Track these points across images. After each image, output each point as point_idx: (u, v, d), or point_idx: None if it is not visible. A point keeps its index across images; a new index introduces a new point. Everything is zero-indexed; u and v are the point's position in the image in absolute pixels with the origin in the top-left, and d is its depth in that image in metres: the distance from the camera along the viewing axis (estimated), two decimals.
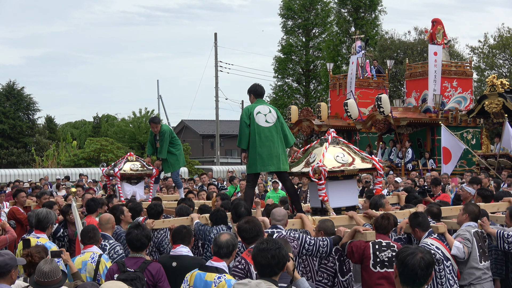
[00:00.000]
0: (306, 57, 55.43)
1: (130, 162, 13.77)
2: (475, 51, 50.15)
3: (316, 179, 9.05)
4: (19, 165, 53.46)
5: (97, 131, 69.97)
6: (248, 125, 9.85)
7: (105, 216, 9.04)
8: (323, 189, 9.09)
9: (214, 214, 8.83)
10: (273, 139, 9.78)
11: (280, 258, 5.28)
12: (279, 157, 9.77)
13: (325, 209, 9.20)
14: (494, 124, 25.74)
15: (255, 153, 9.79)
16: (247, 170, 10.21)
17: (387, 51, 48.76)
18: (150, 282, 6.66)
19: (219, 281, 5.94)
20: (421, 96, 29.79)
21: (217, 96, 55.24)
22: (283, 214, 7.91)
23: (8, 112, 57.61)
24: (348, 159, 9.28)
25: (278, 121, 9.93)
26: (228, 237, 6.31)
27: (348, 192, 9.51)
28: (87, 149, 50.29)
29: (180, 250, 7.27)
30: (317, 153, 9.39)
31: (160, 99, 73.22)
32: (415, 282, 4.57)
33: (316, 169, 9.02)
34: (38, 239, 8.35)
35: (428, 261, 4.61)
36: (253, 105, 10.01)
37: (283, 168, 9.83)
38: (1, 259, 6.10)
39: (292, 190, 10.08)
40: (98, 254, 7.63)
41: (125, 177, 13.59)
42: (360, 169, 9.47)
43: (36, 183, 29.26)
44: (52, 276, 5.65)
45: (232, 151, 75.19)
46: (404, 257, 4.63)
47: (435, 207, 9.07)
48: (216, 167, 49.93)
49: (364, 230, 7.67)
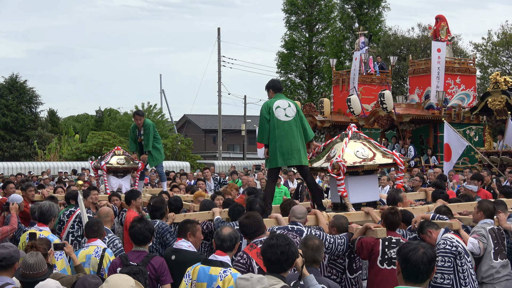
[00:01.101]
0: (309, 53, 55.38)
1: (117, 156, 14.21)
2: (479, 48, 50.11)
3: (335, 175, 9.02)
4: (21, 158, 53.52)
5: (100, 125, 69.92)
6: (268, 120, 9.78)
7: (105, 209, 9.04)
8: (342, 184, 9.06)
9: (232, 209, 8.78)
10: (293, 133, 9.72)
11: (289, 254, 5.27)
12: (300, 151, 9.70)
13: (344, 205, 9.17)
14: (497, 122, 25.68)
15: (276, 147, 9.72)
16: (268, 165, 10.10)
17: (390, 47, 48.72)
18: (152, 276, 6.66)
19: (225, 275, 5.92)
20: (424, 92, 29.75)
21: (220, 91, 55.31)
22: (304, 212, 7.88)
23: (11, 105, 57.69)
24: (368, 154, 9.23)
25: (297, 115, 9.86)
26: (230, 230, 6.30)
27: (368, 187, 9.46)
28: (89, 142, 50.30)
29: (181, 244, 7.26)
30: (338, 148, 9.34)
31: (163, 93, 73.47)
32: (418, 277, 4.56)
33: (335, 165, 8.98)
34: (41, 232, 8.33)
35: (430, 256, 4.61)
36: (272, 100, 9.94)
37: (304, 162, 9.77)
38: (6, 251, 6.10)
39: (313, 185, 9.98)
40: (102, 248, 7.63)
41: (111, 170, 14.01)
42: (381, 164, 9.40)
43: (38, 176, 29.30)
44: (37, 268, 5.64)
45: (234, 146, 75.23)
46: (407, 252, 4.62)
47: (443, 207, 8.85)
48: (218, 162, 49.96)
49: (375, 227, 7.62)
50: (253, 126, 49.38)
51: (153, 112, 61.24)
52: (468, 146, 21.48)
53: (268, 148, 9.87)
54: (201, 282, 6.00)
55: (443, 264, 7.61)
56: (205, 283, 5.97)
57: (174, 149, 51.37)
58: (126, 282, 4.57)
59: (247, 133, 61.50)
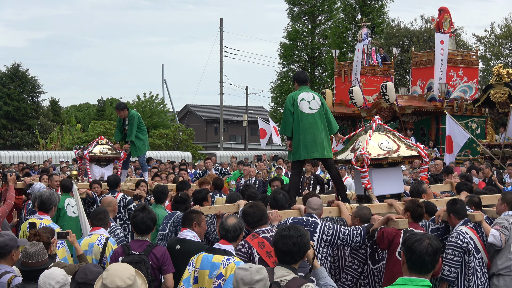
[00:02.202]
0: (311, 44, 55.23)
1: (100, 145, 14.63)
2: (481, 41, 49.98)
3: (359, 167, 8.97)
4: (23, 147, 53.51)
5: (101, 115, 69.85)
6: (292, 112, 9.72)
7: (108, 199, 9.04)
8: (366, 176, 9.02)
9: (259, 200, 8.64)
10: (317, 126, 9.65)
11: (301, 246, 5.24)
12: (323, 144, 9.64)
13: (368, 197, 9.14)
14: (499, 114, 25.70)
15: (299, 140, 9.66)
16: (291, 158, 10.05)
17: (393, 39, 48.61)
18: (154, 265, 6.65)
19: (228, 262, 5.93)
20: (427, 84, 29.73)
21: (222, 82, 55.24)
22: (319, 204, 7.85)
23: (13, 94, 57.65)
24: (392, 146, 9.18)
25: (322, 107, 9.77)
26: (235, 220, 6.30)
27: (392, 179, 9.41)
28: (91, 132, 50.26)
29: (186, 234, 7.23)
30: (362, 140, 9.29)
31: (165, 83, 73.38)
32: (423, 268, 4.60)
33: (358, 157, 8.93)
34: (42, 221, 8.32)
35: (435, 247, 4.64)
36: (296, 92, 9.88)
37: (327, 155, 9.70)
38: (1, 240, 6.10)
39: (337, 178, 9.94)
40: (105, 237, 7.64)
41: (94, 159, 14.43)
42: (405, 157, 9.34)
43: (40, 165, 29.31)
44: (37, 257, 5.63)
45: (236, 137, 75.19)
46: (412, 243, 4.65)
47: (476, 197, 8.78)
48: (219, 153, 49.94)
49: (397, 218, 7.59)
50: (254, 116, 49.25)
51: (155, 102, 61.16)
52: (470, 139, 21.48)
53: (291, 140, 9.82)
54: (203, 270, 6.01)
55: (452, 258, 7.68)
56: (207, 271, 5.99)
57: (175, 139, 51.34)
58: (126, 271, 4.57)
59: (248, 124, 61.43)
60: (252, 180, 18.15)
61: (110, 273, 4.54)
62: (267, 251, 6.57)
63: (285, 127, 9.88)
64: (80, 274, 4.94)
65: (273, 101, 55.68)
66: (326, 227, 7.45)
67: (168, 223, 8.71)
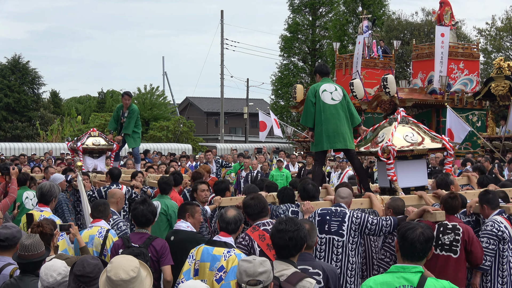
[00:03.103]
0: (312, 36, 55.20)
1: (92, 137, 14.76)
2: (482, 33, 49.92)
3: (385, 159, 8.91)
4: (24, 139, 53.50)
5: (102, 107, 69.87)
6: (314, 103, 9.72)
7: (112, 191, 9.03)
8: (391, 168, 8.97)
9: (281, 192, 8.62)
10: (339, 116, 9.62)
11: (298, 240, 5.24)
12: (345, 135, 9.60)
13: (393, 189, 9.11)
14: (500, 107, 25.67)
15: (321, 130, 9.62)
16: (313, 148, 10.01)
17: (394, 31, 48.54)
18: (154, 258, 6.66)
19: (228, 255, 5.92)
20: (427, 77, 29.69)
21: (223, 74, 55.24)
22: (348, 193, 7.82)
23: (13, 85, 57.59)
24: (417, 138, 9.12)
25: (344, 99, 9.76)
26: (235, 212, 6.29)
27: (417, 172, 9.34)
28: (91, 124, 50.24)
29: (180, 225, 7.31)
30: (386, 132, 9.24)
31: (165, 75, 73.35)
32: (414, 255, 4.81)
33: (385, 149, 8.87)
34: (42, 213, 8.32)
35: (427, 235, 4.86)
36: (318, 84, 9.90)
37: (350, 146, 9.64)
38: (9, 232, 6.12)
39: (360, 169, 9.94)
40: (106, 229, 7.64)
41: (87, 151, 14.60)
42: (430, 149, 9.30)
43: (41, 157, 29.32)
44: (33, 250, 5.62)
45: (236, 129, 75.19)
46: (405, 231, 4.88)
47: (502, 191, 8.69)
48: (220, 145, 49.97)
49: (434, 210, 7.52)
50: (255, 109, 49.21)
51: (156, 94, 61.15)
52: (470, 131, 21.47)
53: (313, 131, 9.80)
54: (204, 262, 6.00)
55: (488, 246, 7.61)
56: (208, 263, 5.97)
57: (176, 132, 51.36)
58: (130, 263, 4.58)
59: (249, 116, 61.46)
60: (254, 173, 18.16)
61: (114, 266, 4.54)
62: (268, 243, 6.55)
63: (306, 118, 9.85)
64: (78, 267, 4.93)
65: (274, 93, 55.69)
66: (354, 216, 7.43)
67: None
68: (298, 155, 28.61)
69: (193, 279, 5.98)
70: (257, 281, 4.46)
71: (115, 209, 8.65)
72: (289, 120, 52.27)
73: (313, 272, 5.68)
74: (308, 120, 9.82)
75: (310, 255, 5.90)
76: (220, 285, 5.86)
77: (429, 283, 4.74)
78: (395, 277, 4.79)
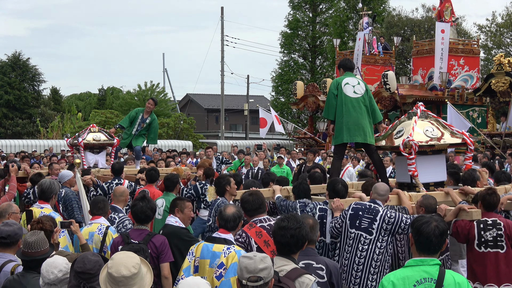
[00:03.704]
0: (312, 33, 55.15)
1: (92, 133, 14.78)
2: (483, 30, 49.87)
3: (407, 154, 8.72)
4: (24, 136, 53.52)
5: (102, 104, 69.87)
6: (336, 95, 9.58)
7: (120, 188, 8.99)
8: (413, 164, 8.78)
9: (297, 187, 8.53)
10: (360, 110, 9.50)
11: (299, 238, 5.26)
12: (366, 128, 9.46)
13: (414, 185, 8.94)
14: (501, 103, 25.67)
15: (342, 123, 9.49)
16: (333, 142, 9.90)
17: (394, 28, 48.49)
18: (154, 254, 6.67)
19: (228, 251, 5.93)
20: (428, 73, 29.70)
21: (223, 70, 55.17)
22: (386, 189, 7.74)
23: (14, 82, 57.59)
24: (437, 133, 8.97)
25: (366, 94, 9.65)
26: (234, 210, 6.30)
27: (436, 167, 9.17)
28: (92, 121, 50.22)
29: (169, 220, 7.35)
30: (405, 127, 9.12)
31: (166, 72, 73.26)
32: (430, 249, 4.91)
33: (406, 143, 8.70)
34: (42, 210, 8.33)
35: (442, 229, 4.94)
36: (341, 77, 9.80)
37: (370, 141, 9.50)
38: (11, 229, 6.13)
39: (379, 164, 9.82)
40: (105, 226, 7.64)
41: (88, 147, 14.59)
42: (451, 144, 9.13)
43: (41, 154, 29.32)
44: (36, 247, 5.62)
45: (236, 126, 75.17)
46: (419, 225, 4.95)
47: None
48: (220, 142, 49.95)
49: (470, 208, 7.39)
50: (255, 105, 49.23)
51: (156, 91, 61.17)
52: (471, 128, 21.46)
53: (334, 124, 9.69)
54: (204, 259, 6.01)
55: None
56: (208, 260, 5.98)
57: (176, 128, 51.36)
58: (131, 260, 4.59)
59: (249, 113, 61.41)
60: (255, 170, 18.16)
61: (115, 262, 4.55)
62: (265, 240, 6.57)
63: (328, 110, 9.72)
64: (79, 264, 4.94)
65: (274, 90, 55.65)
66: (387, 216, 7.33)
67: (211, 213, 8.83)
68: (299, 151, 28.58)
69: (193, 275, 5.98)
70: (258, 277, 4.47)
71: (122, 206, 8.67)
72: (290, 116, 52.26)
73: (316, 267, 5.71)
74: (329, 113, 9.69)
75: (313, 250, 5.93)
76: (220, 281, 5.86)
77: (448, 276, 4.83)
78: (415, 270, 4.87)
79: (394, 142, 9.10)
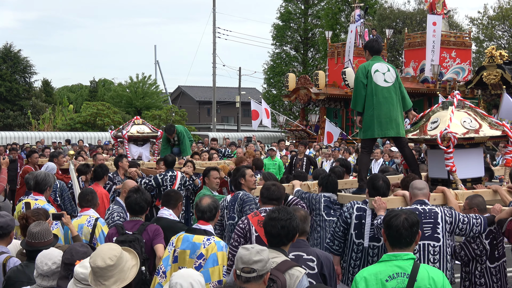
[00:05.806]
0: (304, 25, 55.18)
1: (136, 125, 14.94)
2: (474, 22, 49.97)
3: (445, 147, 7.86)
4: (15, 128, 53.38)
5: (94, 96, 69.73)
6: (365, 85, 8.63)
7: (129, 183, 8.98)
8: (451, 158, 7.90)
9: (325, 179, 8.22)
10: (392, 101, 8.63)
11: (290, 229, 5.24)
12: (398, 121, 8.64)
13: (451, 181, 8.10)
14: (492, 96, 25.73)
15: (373, 116, 8.61)
16: (362, 135, 9.17)
17: (386, 20, 48.53)
18: (148, 242, 6.70)
19: (208, 242, 6.00)
20: (419, 66, 29.76)
21: (215, 63, 55.04)
22: (425, 184, 6.98)
23: (5, 74, 57.44)
24: (475, 125, 8.07)
25: (396, 81, 8.75)
26: (209, 201, 6.34)
27: (474, 162, 8.38)
28: (83, 113, 50.22)
29: (162, 212, 7.35)
30: (441, 117, 8.23)
31: (157, 64, 73.19)
32: (402, 242, 4.89)
33: (445, 136, 7.80)
34: (36, 201, 8.33)
35: (411, 221, 4.92)
36: (369, 63, 8.78)
37: (402, 133, 8.66)
38: (3, 220, 6.13)
39: (411, 158, 8.97)
40: (94, 218, 7.67)
41: (132, 139, 14.75)
42: (491, 137, 8.21)
43: (32, 146, 29.26)
44: (41, 237, 5.64)
45: (228, 118, 75.14)
46: (389, 219, 4.96)
47: None
48: (212, 134, 49.91)
49: None
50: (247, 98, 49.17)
51: (148, 83, 61.02)
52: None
53: (362, 116, 8.83)
54: (184, 250, 6.05)
55: None
56: (188, 251, 6.03)
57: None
58: (110, 252, 4.57)
59: (241, 105, 61.38)
60: None
61: (95, 253, 4.58)
62: None
63: (356, 101, 8.78)
64: (67, 255, 4.96)
65: (266, 82, 55.67)
66: (446, 215, 6.57)
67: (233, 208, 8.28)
68: (290, 144, 28.60)
69: (172, 266, 6.03)
70: (251, 269, 4.49)
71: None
72: (281, 109, 52.29)
73: (307, 258, 5.68)
74: (358, 104, 8.76)
75: (305, 242, 5.90)
76: (199, 272, 5.89)
77: (422, 270, 4.77)
78: (388, 265, 4.83)
79: (428, 133, 8.26)
